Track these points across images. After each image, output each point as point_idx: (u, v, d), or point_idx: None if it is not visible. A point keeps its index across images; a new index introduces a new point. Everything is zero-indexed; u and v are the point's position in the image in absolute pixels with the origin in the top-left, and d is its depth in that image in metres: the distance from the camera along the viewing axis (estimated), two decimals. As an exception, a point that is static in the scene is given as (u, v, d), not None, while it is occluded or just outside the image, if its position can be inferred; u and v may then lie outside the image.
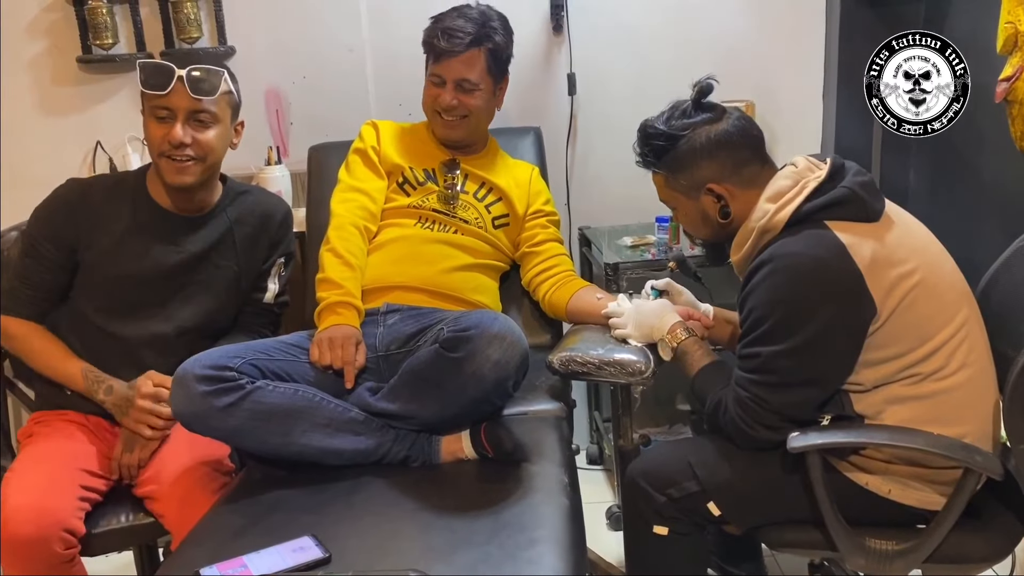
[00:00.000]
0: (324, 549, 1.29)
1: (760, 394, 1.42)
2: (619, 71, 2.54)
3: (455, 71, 1.93)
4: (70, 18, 2.39)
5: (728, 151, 1.52)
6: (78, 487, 1.58)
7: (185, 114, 1.69)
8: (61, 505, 1.53)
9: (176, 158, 1.70)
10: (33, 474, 1.59)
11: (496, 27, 1.95)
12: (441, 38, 1.92)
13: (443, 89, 1.95)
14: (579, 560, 1.33)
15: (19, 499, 1.51)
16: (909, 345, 1.40)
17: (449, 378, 1.54)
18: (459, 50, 1.91)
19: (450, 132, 2.01)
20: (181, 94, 1.68)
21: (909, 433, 1.39)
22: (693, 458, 1.51)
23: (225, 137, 1.77)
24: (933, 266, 1.45)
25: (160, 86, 1.67)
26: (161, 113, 1.69)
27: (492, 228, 2.00)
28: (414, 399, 1.59)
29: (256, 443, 1.57)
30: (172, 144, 1.68)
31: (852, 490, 1.44)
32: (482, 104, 1.98)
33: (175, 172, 1.71)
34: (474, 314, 1.61)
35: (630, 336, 1.71)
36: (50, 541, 1.48)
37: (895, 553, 1.42)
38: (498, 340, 1.51)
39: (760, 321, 1.42)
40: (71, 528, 1.52)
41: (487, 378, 1.52)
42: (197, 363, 1.52)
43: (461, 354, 1.51)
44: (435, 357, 1.55)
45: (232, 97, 1.78)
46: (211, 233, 1.82)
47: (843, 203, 1.43)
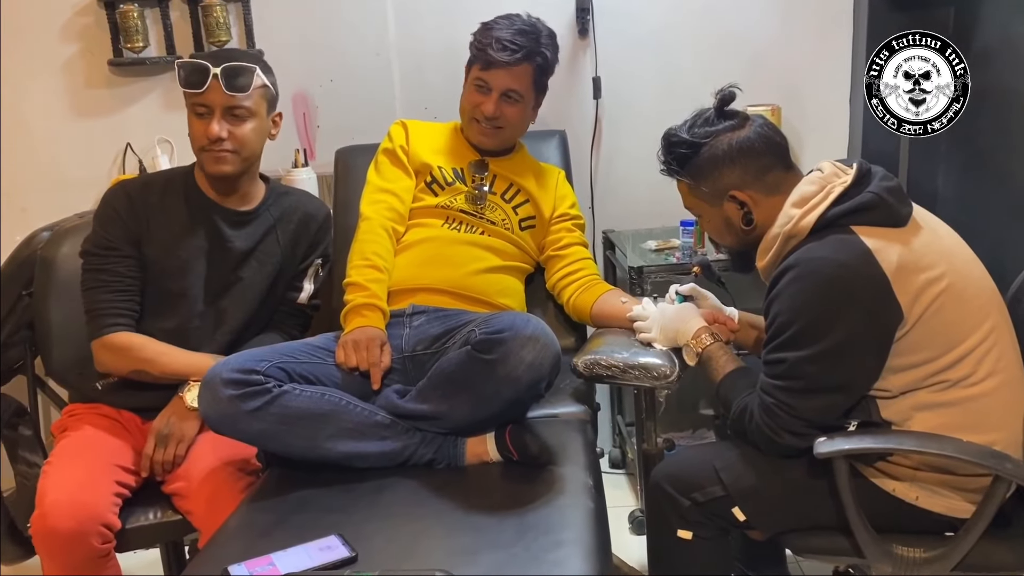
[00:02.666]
0: (350, 548, 1.30)
1: (786, 400, 1.41)
2: (644, 75, 2.54)
3: (504, 82, 1.94)
4: (102, 22, 2.43)
5: (750, 158, 1.52)
6: (113, 482, 1.61)
7: (221, 110, 1.75)
8: (97, 500, 1.55)
9: (214, 151, 1.75)
10: (70, 469, 1.61)
11: (547, 43, 1.96)
12: (495, 48, 1.92)
13: (487, 97, 1.95)
14: (604, 563, 1.33)
15: (57, 494, 1.54)
16: (937, 351, 1.39)
17: (482, 380, 1.54)
18: (511, 62, 1.92)
19: (484, 139, 2.02)
20: (217, 91, 1.73)
21: (938, 439, 1.38)
22: (718, 462, 1.51)
23: (262, 130, 1.82)
24: (962, 271, 1.44)
25: (197, 84, 1.73)
26: (200, 110, 1.76)
27: (519, 230, 2.01)
28: (445, 400, 1.60)
29: (282, 446, 1.59)
30: (210, 139, 1.74)
31: (879, 496, 1.43)
32: (521, 117, 1.99)
33: (214, 162, 1.77)
34: (505, 316, 1.61)
35: (655, 340, 1.71)
36: (88, 535, 1.51)
37: (922, 561, 1.41)
38: (532, 342, 1.51)
39: (785, 326, 1.41)
40: (107, 522, 1.54)
41: (521, 380, 1.52)
42: (225, 366, 1.54)
43: (495, 356, 1.52)
44: (467, 359, 1.55)
45: (268, 91, 1.82)
46: (256, 231, 1.87)
47: (869, 208, 1.42)
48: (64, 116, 2.51)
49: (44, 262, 1.93)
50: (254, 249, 1.86)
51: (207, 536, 1.54)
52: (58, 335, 1.92)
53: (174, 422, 1.72)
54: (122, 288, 1.77)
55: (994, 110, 2.16)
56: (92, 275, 1.78)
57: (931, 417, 1.40)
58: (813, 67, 2.54)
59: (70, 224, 2.01)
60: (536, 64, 1.95)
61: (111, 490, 1.59)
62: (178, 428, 1.71)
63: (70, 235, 1.97)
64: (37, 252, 1.95)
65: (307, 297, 1.95)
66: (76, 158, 2.50)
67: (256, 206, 1.88)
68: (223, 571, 1.24)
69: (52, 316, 1.92)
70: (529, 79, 1.95)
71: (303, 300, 1.95)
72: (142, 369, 1.76)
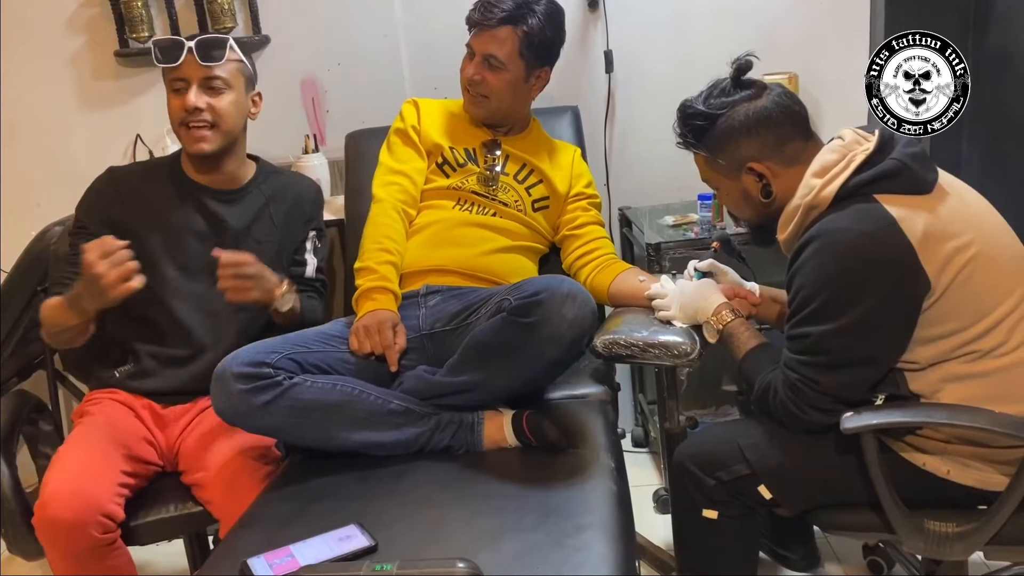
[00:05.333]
0: (370, 537, 1.28)
1: (811, 375, 1.38)
2: (657, 46, 2.49)
3: (484, 45, 1.91)
4: (107, 12, 2.41)
5: (768, 128, 1.48)
6: (118, 472, 1.60)
7: (198, 81, 1.76)
8: (99, 490, 1.54)
9: (193, 125, 1.76)
10: (74, 458, 1.61)
11: (536, 11, 1.91)
12: (477, 9, 1.92)
13: (471, 62, 1.94)
14: (628, 546, 1.31)
15: (58, 483, 1.54)
16: (966, 321, 1.35)
17: (523, 344, 1.52)
18: (491, 24, 1.89)
19: (472, 108, 2.00)
20: (191, 64, 1.76)
21: (970, 411, 1.34)
22: (743, 440, 1.48)
23: (240, 104, 1.82)
24: (991, 238, 1.39)
25: (173, 59, 1.75)
26: (177, 85, 1.77)
27: (531, 211, 1.98)
28: (482, 370, 1.58)
29: (297, 438, 1.59)
30: (187, 110, 1.75)
31: (909, 471, 1.40)
32: (505, 87, 1.94)
33: (194, 140, 1.77)
34: (536, 280, 1.60)
35: (674, 318, 1.69)
36: (87, 525, 1.50)
37: (955, 536, 1.38)
38: (570, 299, 1.51)
39: (809, 300, 1.38)
40: (108, 512, 1.53)
41: (565, 337, 1.51)
42: (235, 360, 1.53)
43: (536, 318, 1.50)
44: (505, 325, 1.53)
45: (243, 66, 1.84)
46: (248, 208, 1.87)
47: (893, 175, 1.38)
48: (73, 109, 2.50)
49: (57, 256, 1.92)
50: (249, 228, 1.85)
51: (227, 526, 1.54)
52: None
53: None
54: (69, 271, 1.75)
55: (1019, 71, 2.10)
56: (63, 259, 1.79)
57: (961, 388, 1.36)
58: (831, 33, 2.47)
59: (81, 218, 2.00)
60: (522, 31, 1.89)
61: (115, 480, 1.58)
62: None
63: (81, 229, 1.96)
64: (50, 247, 1.95)
65: (313, 270, 1.95)
66: (87, 151, 2.49)
67: (245, 184, 1.88)
68: (242, 564, 1.23)
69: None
70: (512, 46, 1.90)
71: (311, 274, 1.94)
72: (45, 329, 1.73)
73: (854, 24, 2.48)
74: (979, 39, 2.29)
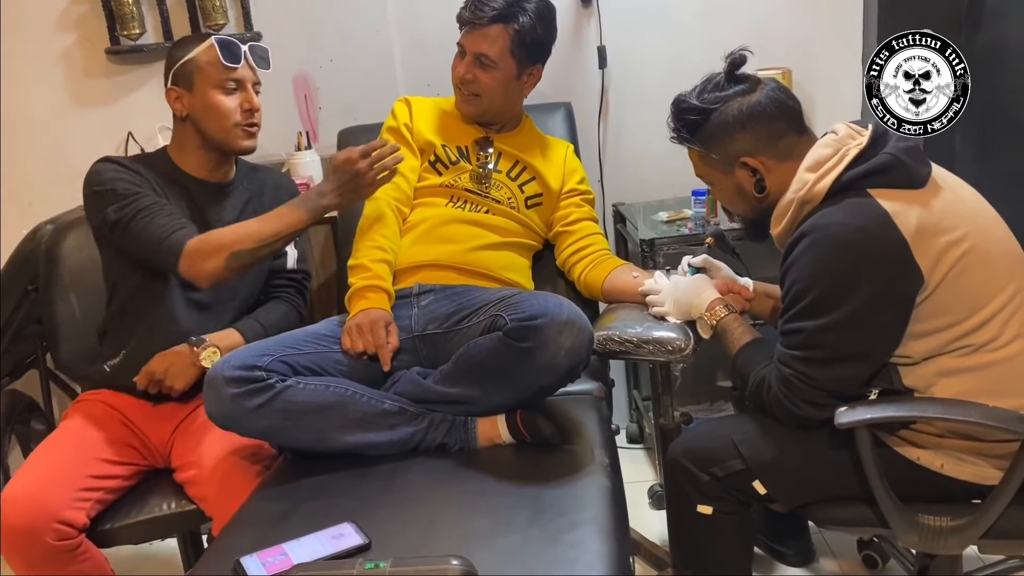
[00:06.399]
0: (364, 535, 1.28)
1: (805, 371, 1.38)
2: (651, 41, 2.49)
3: (475, 44, 1.90)
4: (97, 9, 2.40)
5: (762, 123, 1.47)
6: (84, 477, 1.58)
7: (250, 85, 1.81)
8: (56, 496, 1.52)
9: (249, 126, 1.80)
10: (36, 465, 1.60)
11: (527, 9, 1.89)
12: (468, 7, 1.91)
13: (462, 60, 1.93)
14: (622, 542, 1.31)
15: (14, 490, 1.53)
16: (960, 315, 1.35)
17: (518, 368, 1.51)
18: (481, 23, 1.88)
19: (464, 106, 1.99)
20: (247, 67, 1.81)
21: (963, 405, 1.34)
22: (737, 436, 1.48)
23: None
24: (984, 232, 1.39)
25: (236, 59, 1.77)
26: (231, 85, 1.78)
27: (524, 208, 1.97)
28: (476, 386, 1.57)
29: (291, 440, 1.58)
30: (251, 112, 1.79)
31: (903, 465, 1.40)
32: (497, 86, 1.93)
33: (247, 138, 1.81)
34: (534, 299, 1.55)
35: (668, 313, 1.68)
36: (40, 532, 1.48)
37: (949, 530, 1.38)
38: (568, 327, 1.47)
39: (802, 295, 1.38)
40: (65, 519, 1.51)
41: (560, 366, 1.49)
42: (227, 364, 1.52)
43: (531, 344, 1.47)
44: (500, 346, 1.51)
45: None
46: (236, 203, 1.87)
47: (886, 170, 1.38)
48: (65, 107, 2.48)
49: (49, 255, 1.91)
50: (237, 221, 1.83)
51: (220, 524, 1.54)
52: (65, 328, 1.91)
53: (172, 373, 1.71)
54: (169, 211, 1.71)
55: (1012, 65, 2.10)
56: (134, 221, 1.68)
57: (955, 383, 1.36)
58: (824, 28, 2.47)
59: (73, 217, 1.99)
60: (513, 29, 1.88)
61: (77, 485, 1.56)
62: (171, 380, 1.71)
63: (73, 228, 1.96)
64: (41, 246, 1.93)
65: (295, 261, 1.96)
66: (79, 149, 2.46)
67: (232, 179, 1.89)
68: (235, 563, 1.23)
69: (58, 309, 1.91)
70: (503, 45, 1.89)
71: (292, 265, 1.95)
72: (237, 249, 1.64)
73: (847, 19, 2.48)
74: (972, 34, 2.29)
